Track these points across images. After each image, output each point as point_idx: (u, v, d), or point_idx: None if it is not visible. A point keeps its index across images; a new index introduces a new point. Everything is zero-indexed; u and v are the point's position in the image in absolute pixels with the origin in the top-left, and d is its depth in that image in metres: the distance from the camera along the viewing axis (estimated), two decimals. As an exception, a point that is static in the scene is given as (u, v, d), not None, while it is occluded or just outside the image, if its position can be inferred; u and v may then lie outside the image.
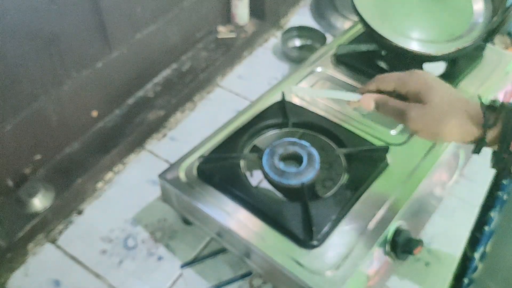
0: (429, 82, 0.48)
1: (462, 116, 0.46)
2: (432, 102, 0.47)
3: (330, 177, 0.64)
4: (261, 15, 1.00)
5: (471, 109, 0.47)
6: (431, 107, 0.47)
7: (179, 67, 0.89)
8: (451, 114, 0.46)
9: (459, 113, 0.46)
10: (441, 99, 0.47)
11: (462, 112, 0.47)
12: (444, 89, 0.48)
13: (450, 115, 0.46)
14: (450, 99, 0.47)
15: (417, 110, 0.47)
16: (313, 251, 0.52)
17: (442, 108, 0.46)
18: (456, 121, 0.46)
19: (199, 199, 0.58)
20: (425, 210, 0.65)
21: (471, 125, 0.46)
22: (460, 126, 0.46)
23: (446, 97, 0.47)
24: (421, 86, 0.47)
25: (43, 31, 0.60)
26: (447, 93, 0.48)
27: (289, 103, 0.70)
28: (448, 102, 0.47)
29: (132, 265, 0.64)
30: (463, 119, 0.46)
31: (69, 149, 0.74)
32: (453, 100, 0.47)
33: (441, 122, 0.46)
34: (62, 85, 0.67)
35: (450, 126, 0.46)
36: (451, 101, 0.47)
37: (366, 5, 0.73)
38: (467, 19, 0.73)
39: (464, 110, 0.47)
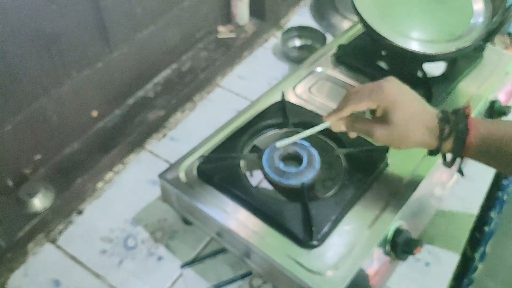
0: (396, 97, 0.52)
1: (421, 132, 0.52)
2: (394, 122, 0.52)
3: (330, 177, 0.64)
4: (261, 15, 1.00)
5: (429, 123, 0.52)
6: (393, 127, 0.52)
7: (179, 67, 0.89)
8: (411, 132, 0.52)
9: (418, 130, 0.52)
10: (403, 118, 0.51)
11: (421, 128, 0.52)
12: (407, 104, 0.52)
13: (410, 133, 0.52)
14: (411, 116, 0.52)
15: (380, 131, 0.53)
16: (313, 251, 0.52)
17: (403, 127, 0.52)
18: (415, 137, 0.52)
19: (199, 199, 0.58)
20: (425, 210, 0.65)
21: (429, 139, 0.52)
22: (419, 141, 0.53)
23: (407, 114, 0.52)
24: (387, 104, 0.52)
25: (43, 31, 0.60)
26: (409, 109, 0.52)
27: (289, 103, 0.70)
28: (409, 119, 0.52)
29: (132, 265, 0.64)
30: (422, 135, 0.52)
31: (69, 149, 0.74)
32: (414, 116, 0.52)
33: (402, 140, 0.53)
34: (62, 85, 0.67)
35: (411, 142, 0.53)
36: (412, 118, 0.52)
37: (366, 5, 0.73)
38: (467, 19, 0.73)
39: (422, 125, 0.52)
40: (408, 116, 0.52)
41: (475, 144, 0.51)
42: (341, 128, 0.56)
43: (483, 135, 0.50)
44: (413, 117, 0.52)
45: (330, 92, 0.74)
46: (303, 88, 0.74)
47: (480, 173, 0.74)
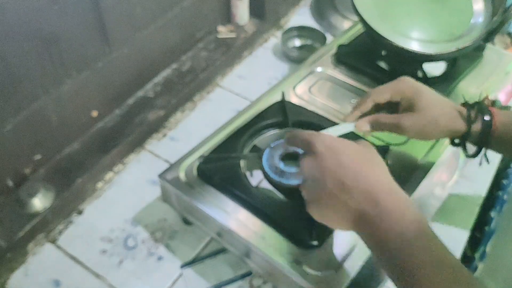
0: (418, 88, 0.53)
1: (450, 116, 0.52)
2: (423, 106, 0.51)
3: (330, 177, 0.63)
4: (261, 15, 1.00)
5: (456, 108, 0.53)
6: (421, 113, 0.51)
7: (179, 67, 0.89)
8: (440, 116, 0.52)
9: (447, 113, 0.52)
10: (431, 103, 0.52)
11: (449, 111, 0.52)
12: (431, 93, 0.53)
13: (440, 117, 0.52)
14: (438, 101, 0.52)
15: (409, 119, 0.52)
16: (313, 251, 0.52)
17: (432, 112, 0.51)
18: (445, 121, 0.52)
19: (199, 199, 0.58)
20: (425, 210, 0.65)
21: (458, 122, 0.52)
22: (449, 126, 0.52)
23: (434, 100, 0.52)
24: (412, 92, 0.52)
25: (43, 31, 0.60)
26: (435, 97, 0.53)
27: (289, 103, 0.70)
28: (437, 104, 0.52)
29: (132, 265, 0.64)
30: (451, 119, 0.52)
31: (69, 149, 0.74)
32: (441, 102, 0.52)
33: (432, 126, 0.52)
34: (62, 85, 0.67)
35: (441, 127, 0.52)
36: (440, 103, 0.52)
37: (366, 5, 0.73)
38: (467, 19, 0.73)
39: (451, 107, 0.53)
40: (435, 101, 0.52)
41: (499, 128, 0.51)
42: (366, 127, 0.54)
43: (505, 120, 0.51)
44: (439, 102, 0.52)
45: (330, 92, 0.74)
46: (303, 88, 0.74)
47: (480, 173, 0.74)
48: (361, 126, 0.54)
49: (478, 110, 0.52)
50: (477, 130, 0.52)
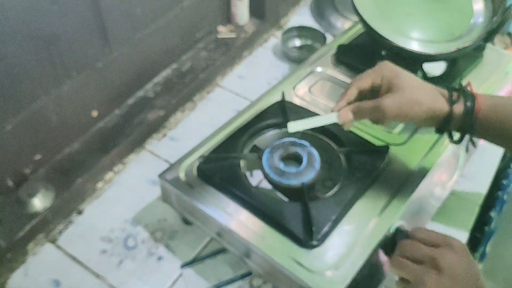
0: (398, 70, 0.53)
1: (432, 94, 0.51)
2: (403, 86, 0.51)
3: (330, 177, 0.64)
4: (261, 15, 1.00)
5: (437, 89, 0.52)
6: (402, 90, 0.51)
7: (179, 67, 0.89)
8: (422, 93, 0.51)
9: (428, 91, 0.52)
10: (411, 82, 0.52)
11: (430, 90, 0.52)
12: (411, 75, 0.53)
13: (421, 96, 0.51)
14: (418, 82, 0.52)
15: (390, 98, 0.51)
16: (313, 251, 0.52)
17: (413, 89, 0.51)
18: (426, 100, 0.51)
19: (199, 199, 0.58)
20: (425, 210, 0.65)
21: (440, 102, 0.51)
22: (430, 105, 0.51)
23: (414, 81, 0.52)
24: (392, 74, 0.52)
25: (43, 31, 0.60)
26: (415, 78, 0.53)
27: (289, 103, 0.70)
28: (418, 85, 0.52)
29: (132, 265, 0.64)
30: (432, 97, 0.51)
31: (69, 149, 0.74)
32: (422, 83, 0.52)
33: (413, 104, 0.51)
34: (62, 85, 0.67)
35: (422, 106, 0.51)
36: (420, 84, 0.52)
37: (366, 5, 0.73)
38: (467, 19, 0.73)
39: (431, 88, 0.52)
40: (415, 82, 0.51)
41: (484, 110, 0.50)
42: (348, 116, 0.53)
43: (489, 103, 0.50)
44: (420, 83, 0.52)
45: (330, 92, 0.74)
46: (303, 88, 0.74)
47: (480, 173, 0.74)
48: (344, 116, 0.53)
49: (460, 92, 0.52)
50: (459, 111, 0.51)
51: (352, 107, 0.53)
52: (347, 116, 0.53)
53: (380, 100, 0.51)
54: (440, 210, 0.68)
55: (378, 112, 0.51)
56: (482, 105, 0.50)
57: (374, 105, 0.52)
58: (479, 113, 0.50)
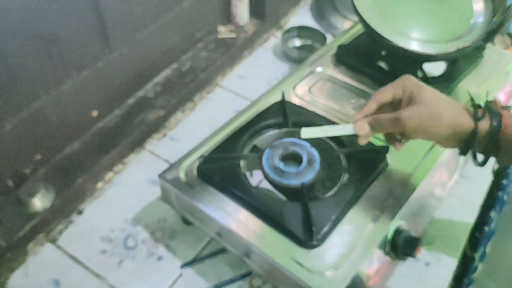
0: (420, 84, 0.51)
1: (455, 109, 0.49)
2: (425, 99, 0.49)
3: (330, 177, 0.64)
4: (261, 15, 1.00)
5: (462, 105, 0.50)
6: (424, 104, 0.49)
7: (179, 67, 0.89)
8: (444, 107, 0.49)
9: (451, 107, 0.50)
10: (434, 97, 0.49)
11: (453, 105, 0.49)
12: (434, 90, 0.51)
13: (443, 110, 0.49)
14: (441, 97, 0.50)
15: (410, 110, 0.49)
16: (313, 251, 0.52)
17: (435, 103, 0.49)
18: (449, 114, 0.48)
19: (199, 199, 0.58)
20: (425, 210, 0.65)
21: (464, 117, 0.49)
22: (453, 120, 0.48)
23: (437, 94, 0.50)
24: (414, 87, 0.50)
25: (43, 31, 0.60)
26: (438, 93, 0.51)
27: (289, 103, 0.70)
28: (440, 99, 0.50)
29: (132, 265, 0.64)
30: (455, 112, 0.49)
31: (69, 149, 0.74)
32: (445, 97, 0.50)
33: (434, 119, 0.48)
34: (62, 85, 0.67)
35: (444, 120, 0.48)
36: (443, 98, 0.50)
37: (366, 5, 0.73)
38: (467, 19, 0.73)
39: (455, 103, 0.50)
40: (438, 96, 0.49)
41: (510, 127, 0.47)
42: (365, 128, 0.51)
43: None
44: (442, 97, 0.49)
45: (330, 92, 0.74)
46: (303, 88, 0.74)
47: (480, 173, 0.74)
48: (360, 127, 0.51)
49: (486, 109, 0.49)
50: (485, 129, 0.48)
51: (370, 119, 0.51)
52: (363, 128, 0.51)
53: (400, 112, 0.49)
54: (440, 210, 0.69)
55: (397, 124, 0.49)
56: (509, 122, 0.48)
57: (393, 117, 0.49)
58: (506, 131, 0.47)
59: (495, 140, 0.48)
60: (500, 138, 0.48)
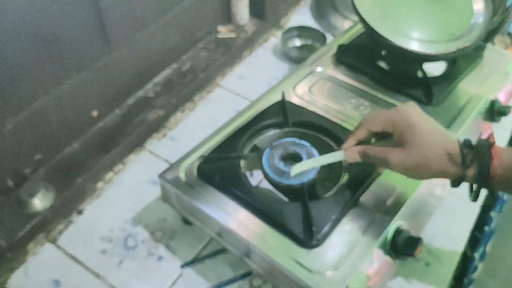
0: (412, 122, 0.49)
1: (442, 158, 0.48)
2: (414, 145, 0.48)
3: (330, 177, 0.64)
4: (261, 15, 1.00)
5: (450, 148, 0.48)
6: (410, 151, 0.48)
7: (179, 67, 0.89)
8: (431, 157, 0.48)
9: (438, 155, 0.48)
10: (423, 140, 0.48)
11: (441, 152, 0.48)
12: (426, 128, 0.49)
13: (430, 159, 0.48)
14: (431, 138, 0.49)
15: (397, 157, 0.49)
16: (313, 251, 0.52)
17: (422, 151, 0.48)
18: (435, 163, 0.48)
19: (199, 199, 0.58)
20: (425, 210, 0.65)
21: (450, 166, 0.48)
22: (439, 168, 0.48)
23: (427, 138, 0.48)
24: (405, 126, 0.49)
25: (43, 31, 0.60)
26: (429, 134, 0.49)
27: (289, 103, 0.70)
28: (430, 142, 0.48)
29: (132, 265, 0.64)
30: (442, 161, 0.48)
31: (69, 149, 0.74)
32: (433, 141, 0.48)
33: (420, 167, 0.48)
34: (62, 85, 0.67)
35: (430, 169, 0.48)
36: (433, 140, 0.49)
37: (366, 5, 0.73)
38: (467, 19, 0.73)
39: (443, 150, 0.48)
40: (427, 140, 0.48)
41: (499, 172, 0.47)
42: (354, 157, 0.53)
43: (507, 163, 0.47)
44: (432, 142, 0.48)
45: (330, 92, 0.74)
46: (303, 88, 0.74)
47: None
48: (350, 156, 0.53)
49: (475, 153, 0.48)
50: (472, 176, 0.48)
51: (359, 149, 0.52)
52: (353, 157, 0.53)
53: (388, 154, 0.49)
54: (440, 210, 0.69)
55: (384, 164, 0.50)
56: (499, 168, 0.47)
57: (380, 158, 0.50)
58: (495, 177, 0.47)
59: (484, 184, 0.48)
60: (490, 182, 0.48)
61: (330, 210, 0.55)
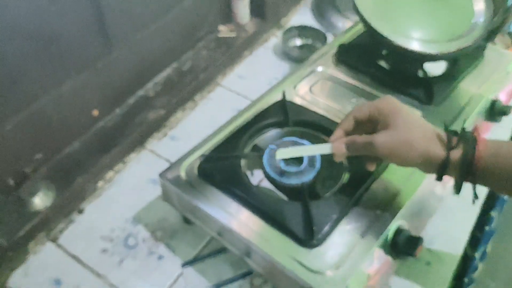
0: (398, 106, 0.51)
1: (426, 138, 0.48)
2: (399, 125, 0.49)
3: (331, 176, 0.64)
4: (262, 15, 1.00)
5: (435, 131, 0.49)
6: (397, 130, 0.49)
7: (180, 66, 0.90)
8: (416, 135, 0.48)
9: (424, 134, 0.49)
10: (407, 121, 0.49)
11: (426, 133, 0.49)
12: (410, 114, 0.50)
13: (414, 139, 0.48)
14: (416, 121, 0.50)
15: (383, 136, 0.50)
16: (313, 250, 0.52)
17: (409, 129, 0.49)
18: (420, 144, 0.48)
19: (200, 198, 0.58)
20: (425, 210, 0.66)
21: (435, 147, 0.48)
22: (424, 149, 0.48)
23: (412, 120, 0.49)
24: (390, 110, 0.50)
25: (43, 31, 0.61)
26: (414, 117, 0.50)
27: (289, 102, 0.70)
28: (415, 126, 0.49)
29: (132, 264, 0.64)
30: (427, 142, 0.48)
31: (69, 148, 0.74)
32: (420, 124, 0.50)
33: (405, 147, 0.48)
34: (62, 85, 0.68)
35: (415, 150, 0.48)
36: (418, 125, 0.49)
37: (367, 5, 0.73)
38: (468, 19, 0.74)
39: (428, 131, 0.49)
40: (411, 121, 0.49)
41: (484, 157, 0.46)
42: (342, 149, 0.53)
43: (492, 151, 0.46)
44: (416, 123, 0.49)
45: (330, 92, 0.74)
46: (304, 88, 0.74)
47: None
48: (338, 148, 0.53)
49: (461, 136, 0.48)
50: (457, 158, 0.47)
51: (346, 140, 0.53)
52: (340, 149, 0.53)
53: (373, 137, 0.50)
54: (441, 210, 0.69)
55: (370, 149, 0.50)
56: (484, 152, 0.46)
57: (366, 141, 0.50)
58: (480, 161, 0.46)
59: (468, 169, 0.47)
60: (474, 168, 0.47)
61: (330, 210, 0.55)
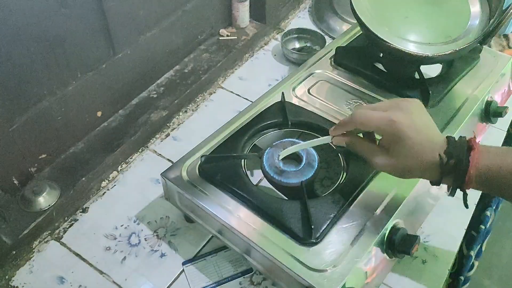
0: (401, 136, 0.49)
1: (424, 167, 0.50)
2: (399, 154, 0.50)
3: (329, 176, 0.65)
4: (262, 18, 1.01)
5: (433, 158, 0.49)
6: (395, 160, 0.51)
7: (182, 68, 0.90)
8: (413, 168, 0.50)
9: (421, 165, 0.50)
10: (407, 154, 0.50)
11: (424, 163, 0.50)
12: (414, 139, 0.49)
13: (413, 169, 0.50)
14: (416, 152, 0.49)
15: (381, 160, 0.52)
16: (312, 248, 0.53)
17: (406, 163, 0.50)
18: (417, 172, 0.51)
19: (201, 197, 0.59)
20: (422, 208, 0.66)
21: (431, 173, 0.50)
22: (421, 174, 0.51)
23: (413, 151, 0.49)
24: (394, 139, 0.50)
25: (49, 33, 0.61)
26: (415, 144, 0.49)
27: (289, 103, 0.71)
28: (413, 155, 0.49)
29: (135, 262, 0.65)
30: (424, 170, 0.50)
31: (74, 148, 0.75)
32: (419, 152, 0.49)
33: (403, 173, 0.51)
34: (67, 86, 0.69)
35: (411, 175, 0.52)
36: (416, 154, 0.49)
37: (365, 8, 0.74)
38: (464, 21, 0.74)
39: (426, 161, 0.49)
40: (413, 153, 0.49)
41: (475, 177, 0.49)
42: (341, 143, 0.55)
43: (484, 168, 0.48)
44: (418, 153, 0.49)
45: (328, 93, 0.75)
46: (303, 89, 0.75)
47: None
48: (338, 140, 0.55)
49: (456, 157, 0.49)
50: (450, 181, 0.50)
51: (347, 140, 0.55)
52: (340, 143, 0.55)
53: (373, 157, 0.52)
54: (437, 209, 0.69)
55: (369, 162, 0.53)
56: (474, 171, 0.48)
57: (367, 154, 0.53)
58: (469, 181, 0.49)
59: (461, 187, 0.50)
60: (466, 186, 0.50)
61: (328, 209, 0.56)
